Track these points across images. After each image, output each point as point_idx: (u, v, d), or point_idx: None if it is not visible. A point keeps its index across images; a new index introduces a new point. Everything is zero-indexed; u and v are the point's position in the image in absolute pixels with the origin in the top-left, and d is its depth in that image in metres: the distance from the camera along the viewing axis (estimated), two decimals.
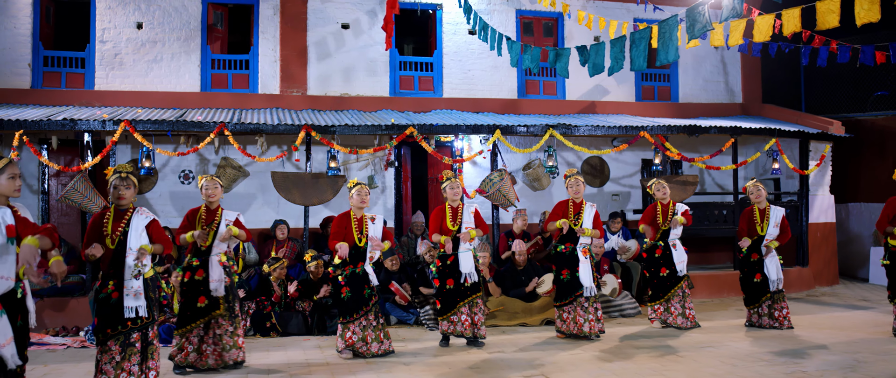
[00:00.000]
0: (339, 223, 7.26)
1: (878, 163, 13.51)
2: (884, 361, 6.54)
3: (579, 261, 7.97)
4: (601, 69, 6.45)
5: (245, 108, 11.59)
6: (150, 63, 11.68)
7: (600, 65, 6.44)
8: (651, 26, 5.95)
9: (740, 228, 8.74)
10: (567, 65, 7.26)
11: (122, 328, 5.35)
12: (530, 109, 12.84)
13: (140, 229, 5.43)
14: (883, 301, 10.73)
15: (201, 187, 6.64)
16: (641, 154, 13.18)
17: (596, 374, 6.23)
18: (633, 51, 6.02)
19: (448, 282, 7.69)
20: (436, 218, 7.84)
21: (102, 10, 11.58)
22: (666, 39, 5.49)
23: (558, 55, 7.20)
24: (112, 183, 5.52)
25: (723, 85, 14.20)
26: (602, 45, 6.59)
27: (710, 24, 5.10)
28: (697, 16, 5.16)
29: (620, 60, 6.23)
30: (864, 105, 14.17)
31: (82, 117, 9.62)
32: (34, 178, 11.01)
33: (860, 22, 5.33)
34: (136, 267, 5.30)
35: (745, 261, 8.67)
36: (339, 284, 7.14)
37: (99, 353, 5.38)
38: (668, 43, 5.47)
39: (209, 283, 6.40)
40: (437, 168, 13.05)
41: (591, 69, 6.50)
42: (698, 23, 5.12)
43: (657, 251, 8.77)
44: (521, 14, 13.18)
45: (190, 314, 6.44)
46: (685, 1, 13.44)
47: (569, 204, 8.06)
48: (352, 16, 12.44)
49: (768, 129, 11.74)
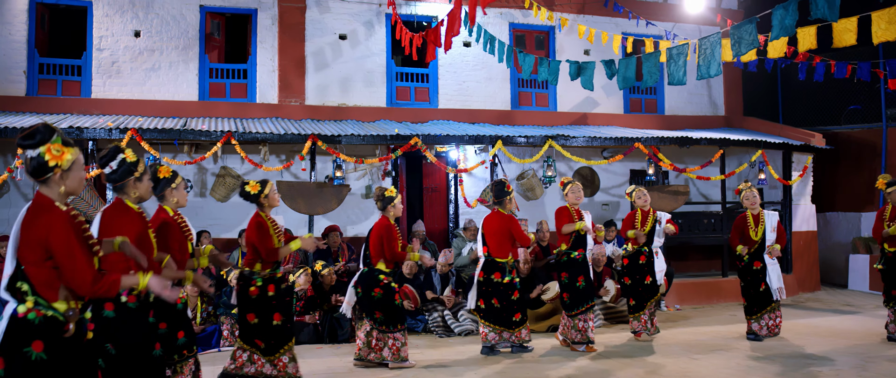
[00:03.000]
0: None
1: (855, 174, 14.06)
2: (890, 362, 6.87)
3: (590, 267, 8.19)
4: (632, 82, 6.68)
5: (244, 118, 11.62)
6: (148, 71, 11.64)
7: (631, 78, 6.67)
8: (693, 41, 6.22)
9: (732, 236, 8.55)
10: (592, 78, 7.48)
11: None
12: (524, 120, 13.09)
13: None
14: (866, 306, 11.18)
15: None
16: (630, 165, 13.50)
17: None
18: (671, 65, 6.27)
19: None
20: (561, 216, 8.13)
21: (100, 18, 11.52)
22: (707, 55, 5.74)
23: (582, 69, 7.42)
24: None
25: (707, 98, 14.65)
26: (632, 59, 6.83)
27: (756, 40, 5.36)
28: (744, 33, 5.42)
29: (654, 75, 6.48)
30: (838, 118, 14.75)
31: (87, 125, 9.57)
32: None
33: (878, 40, 5.65)
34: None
35: (748, 269, 8.39)
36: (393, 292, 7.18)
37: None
38: (711, 58, 5.72)
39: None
40: (432, 178, 13.22)
41: (621, 82, 6.74)
42: (745, 40, 5.38)
43: (642, 258, 8.66)
44: (514, 27, 13.45)
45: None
46: (675, 17, 13.88)
47: (571, 211, 8.18)
48: (349, 27, 12.56)
49: (754, 140, 12.17)
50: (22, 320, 3.20)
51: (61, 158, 3.40)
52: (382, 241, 7.08)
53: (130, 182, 4.20)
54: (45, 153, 3.36)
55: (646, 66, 6.45)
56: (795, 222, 12.94)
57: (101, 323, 3.97)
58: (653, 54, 6.47)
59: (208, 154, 9.96)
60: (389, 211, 7.27)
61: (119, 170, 4.14)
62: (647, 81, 6.48)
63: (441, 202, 13.01)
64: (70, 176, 3.47)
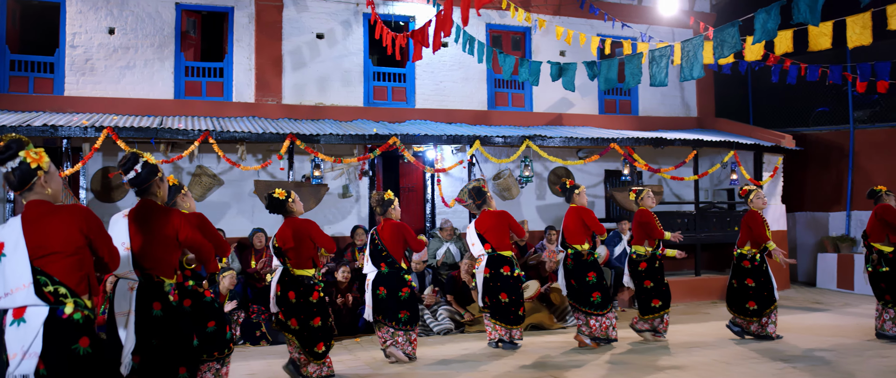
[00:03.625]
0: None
1: (823, 175, 14.36)
2: (861, 358, 7.05)
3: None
4: (614, 83, 6.77)
5: (221, 117, 11.54)
6: (123, 69, 11.50)
7: (613, 79, 6.77)
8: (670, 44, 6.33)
9: (762, 233, 8.17)
10: (573, 79, 7.56)
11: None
12: (500, 120, 13.17)
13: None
14: (835, 303, 11.44)
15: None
16: (605, 165, 13.65)
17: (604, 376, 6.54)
18: (653, 67, 6.37)
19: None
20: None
21: (73, 15, 11.36)
22: (690, 57, 5.85)
23: (563, 70, 7.49)
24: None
25: (679, 99, 14.86)
26: (614, 60, 6.92)
27: (739, 43, 5.48)
28: (727, 36, 5.53)
29: (637, 76, 6.58)
30: (806, 120, 15.05)
31: (62, 124, 9.44)
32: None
33: (853, 45, 5.81)
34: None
35: (761, 269, 8.19)
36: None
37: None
38: (694, 61, 5.84)
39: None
40: (409, 178, 13.26)
41: (603, 83, 6.83)
42: (728, 43, 5.49)
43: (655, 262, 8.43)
44: (491, 28, 13.53)
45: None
46: (649, 19, 14.06)
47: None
48: (326, 26, 12.53)
49: (727, 141, 12.39)
50: (68, 321, 3.36)
51: (42, 160, 3.53)
52: (406, 240, 7.33)
53: (156, 182, 4.30)
54: (27, 157, 3.44)
55: (628, 68, 6.54)
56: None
57: (150, 321, 4.03)
58: (635, 56, 6.57)
59: (185, 153, 9.88)
60: (392, 213, 7.41)
61: (143, 172, 4.24)
62: (630, 83, 6.58)
63: (418, 202, 13.04)
64: (53, 178, 3.60)
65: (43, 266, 3.37)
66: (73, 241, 3.45)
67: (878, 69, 9.53)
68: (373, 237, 7.39)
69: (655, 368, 6.78)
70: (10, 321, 3.33)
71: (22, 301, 3.32)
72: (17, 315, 3.33)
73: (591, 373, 6.65)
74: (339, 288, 9.35)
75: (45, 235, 3.40)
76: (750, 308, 8.16)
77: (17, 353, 3.28)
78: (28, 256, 3.35)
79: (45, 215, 3.45)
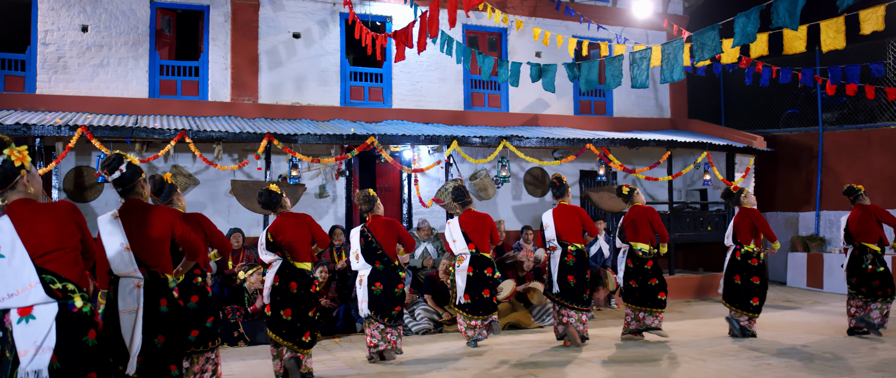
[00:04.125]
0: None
1: (793, 175, 14.62)
2: (833, 354, 7.21)
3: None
4: (595, 85, 6.84)
5: (197, 116, 11.45)
6: (96, 67, 11.36)
7: (594, 81, 6.84)
8: (651, 47, 6.41)
9: (771, 231, 8.38)
10: (553, 80, 7.63)
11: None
12: (477, 121, 13.22)
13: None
14: (805, 301, 11.67)
15: None
16: (580, 165, 13.77)
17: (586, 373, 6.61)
18: (634, 69, 6.46)
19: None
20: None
21: (45, 11, 11.19)
22: (671, 59, 5.94)
23: (543, 71, 7.56)
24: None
25: (653, 101, 15.03)
26: (594, 63, 7.00)
27: (719, 46, 5.57)
28: (707, 39, 5.63)
29: (618, 77, 6.66)
30: (776, 122, 15.31)
31: (35, 122, 9.31)
32: None
33: (827, 49, 5.95)
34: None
35: (764, 267, 8.46)
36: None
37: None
38: (674, 63, 5.92)
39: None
40: (386, 178, 13.26)
41: (584, 85, 6.90)
42: (708, 46, 5.59)
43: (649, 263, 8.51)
44: (468, 28, 13.58)
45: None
46: (623, 21, 14.22)
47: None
48: (303, 25, 12.49)
49: (700, 142, 12.57)
50: (79, 314, 3.44)
51: (25, 159, 3.54)
52: (400, 236, 7.42)
53: (140, 182, 4.34)
54: (11, 156, 3.45)
55: (609, 70, 6.62)
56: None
57: (157, 317, 4.12)
58: (616, 58, 6.64)
59: (161, 152, 9.79)
60: (379, 210, 7.47)
61: (128, 172, 4.26)
62: (610, 84, 6.66)
63: (394, 202, 13.04)
64: (34, 177, 3.62)
65: (46, 265, 3.40)
66: (71, 236, 3.52)
67: (848, 72, 9.73)
68: (365, 234, 7.36)
69: (632, 364, 6.87)
70: (18, 319, 3.34)
71: (32, 301, 3.35)
72: (24, 313, 3.34)
73: (572, 371, 6.72)
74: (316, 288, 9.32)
75: (42, 234, 3.42)
76: (754, 304, 8.28)
77: (28, 349, 3.31)
78: (29, 257, 3.36)
79: (36, 213, 3.45)
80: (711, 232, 12.96)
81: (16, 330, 3.32)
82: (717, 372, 6.50)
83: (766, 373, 6.42)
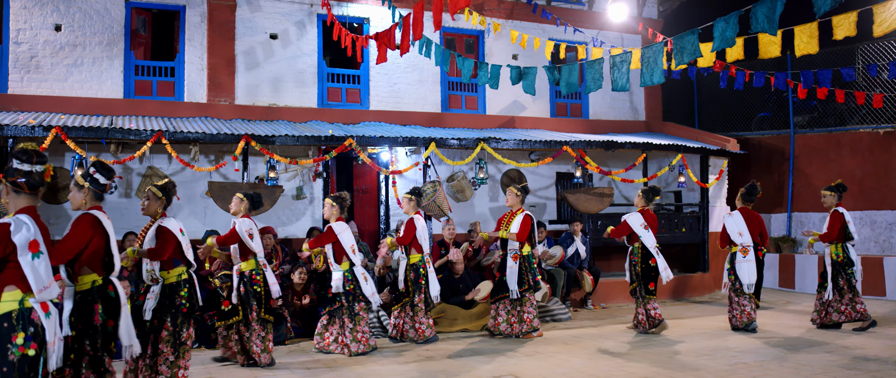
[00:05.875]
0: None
1: (765, 177, 14.84)
2: (806, 353, 7.34)
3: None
4: (575, 88, 6.91)
5: (173, 117, 11.36)
6: (70, 67, 11.22)
7: (574, 84, 6.90)
8: (631, 50, 6.49)
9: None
10: (534, 82, 7.69)
11: (141, 331, 5.56)
12: (454, 123, 13.26)
13: (153, 239, 5.66)
14: (777, 302, 11.86)
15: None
16: (557, 167, 13.85)
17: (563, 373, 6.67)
18: (614, 72, 6.54)
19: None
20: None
21: (17, 10, 11.03)
22: (651, 63, 6.02)
23: (523, 74, 7.61)
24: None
25: (628, 104, 15.19)
26: (575, 66, 7.06)
27: (698, 51, 5.66)
28: (686, 43, 5.71)
29: (598, 80, 6.72)
30: (749, 125, 15.54)
31: (7, 122, 9.17)
32: None
33: (800, 53, 6.08)
34: (148, 273, 5.59)
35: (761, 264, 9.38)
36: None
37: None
38: (654, 66, 6.01)
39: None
40: (363, 179, 13.24)
41: (564, 88, 6.96)
42: (687, 50, 5.67)
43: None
44: (445, 31, 13.61)
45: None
46: (599, 25, 14.35)
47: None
48: (280, 26, 12.44)
49: (675, 145, 12.73)
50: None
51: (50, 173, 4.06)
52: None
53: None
54: (47, 170, 4.00)
55: (589, 73, 6.70)
56: (712, 223, 13.57)
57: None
58: (596, 61, 6.72)
59: (137, 154, 9.70)
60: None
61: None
62: (591, 87, 6.73)
63: (372, 203, 13.03)
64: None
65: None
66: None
67: (820, 76, 9.92)
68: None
69: (610, 363, 6.94)
70: (45, 314, 3.80)
71: (54, 294, 3.83)
72: (46, 309, 3.80)
73: (550, 370, 6.77)
74: (294, 290, 9.29)
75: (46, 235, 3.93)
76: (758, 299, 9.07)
77: (52, 340, 3.84)
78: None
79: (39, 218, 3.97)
80: (686, 233, 13.12)
81: (46, 324, 3.78)
82: (693, 372, 6.59)
83: (741, 371, 6.52)
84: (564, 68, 6.94)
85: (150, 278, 5.65)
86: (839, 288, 8.76)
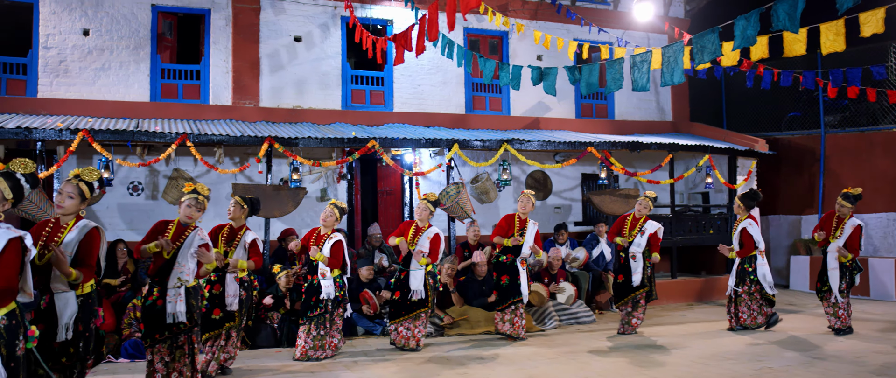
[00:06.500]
0: (306, 238, 7.84)
1: (795, 178, 14.59)
2: (835, 358, 7.18)
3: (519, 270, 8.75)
4: (595, 88, 6.83)
5: (198, 119, 11.46)
6: (98, 71, 11.37)
7: (594, 84, 6.82)
8: (650, 50, 6.40)
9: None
10: (554, 83, 7.61)
11: (167, 333, 5.61)
12: (478, 124, 13.22)
13: (193, 247, 5.70)
14: (808, 305, 11.62)
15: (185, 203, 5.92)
16: (582, 168, 13.75)
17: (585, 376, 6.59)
18: (635, 72, 6.45)
19: (395, 294, 8.33)
20: (400, 228, 8.58)
21: (46, 16, 11.21)
22: (671, 62, 5.92)
23: (544, 74, 7.54)
24: (187, 202, 5.82)
25: (654, 104, 15.02)
26: (595, 66, 6.98)
27: (719, 50, 5.56)
28: (707, 42, 5.61)
29: (618, 81, 6.64)
30: (778, 125, 15.29)
31: (36, 126, 9.31)
32: None
33: (827, 51, 5.94)
34: (178, 280, 5.62)
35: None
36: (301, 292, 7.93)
37: (149, 355, 5.67)
38: (675, 66, 5.91)
39: (225, 297, 6.78)
40: (387, 181, 13.25)
41: (584, 88, 6.89)
42: (708, 49, 5.57)
43: (620, 260, 9.26)
44: (469, 32, 13.58)
45: (205, 326, 6.69)
46: (624, 24, 14.21)
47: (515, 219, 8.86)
48: (304, 29, 12.49)
49: (702, 145, 12.55)
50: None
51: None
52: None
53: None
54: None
55: (610, 73, 6.61)
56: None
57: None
58: (616, 61, 6.63)
59: (162, 156, 9.79)
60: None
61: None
62: (611, 87, 6.65)
63: (396, 205, 13.04)
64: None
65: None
66: None
67: (849, 75, 9.72)
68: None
69: (634, 368, 6.85)
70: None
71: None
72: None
73: (572, 373, 6.70)
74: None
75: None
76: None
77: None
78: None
79: None
80: (713, 235, 12.92)
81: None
82: (717, 376, 6.47)
83: (766, 376, 6.39)
84: (585, 68, 6.86)
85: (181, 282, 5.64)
86: (841, 290, 8.68)
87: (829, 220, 8.87)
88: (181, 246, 5.68)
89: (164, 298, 5.60)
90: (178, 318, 5.59)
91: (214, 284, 6.82)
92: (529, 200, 8.84)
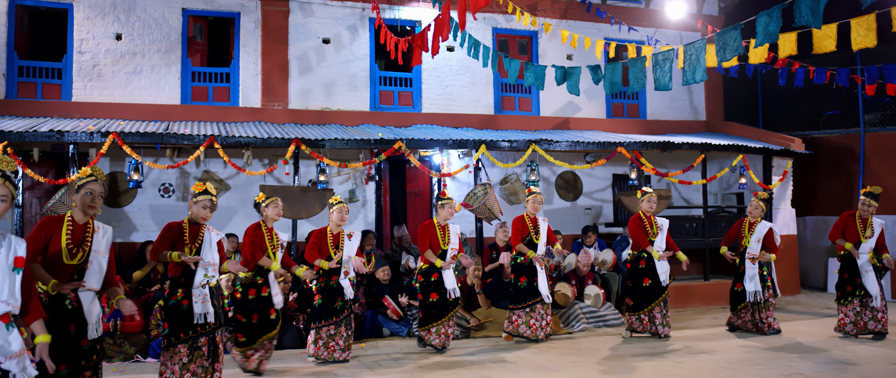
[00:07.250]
0: (316, 238, 7.85)
1: (834, 179, 14.23)
2: (870, 363, 6.96)
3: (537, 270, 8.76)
4: (618, 87, 6.72)
5: (227, 122, 11.57)
6: (130, 75, 11.55)
7: (618, 83, 6.72)
8: (671, 48, 6.27)
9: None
10: (578, 83, 7.51)
11: (191, 333, 5.68)
12: (507, 125, 13.13)
13: (213, 245, 5.78)
14: None
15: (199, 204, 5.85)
16: (613, 169, 13.58)
17: None
18: (657, 71, 6.33)
19: (432, 295, 8.24)
20: (424, 234, 8.40)
21: (80, 21, 11.41)
22: (693, 60, 5.79)
23: (567, 74, 7.44)
24: (202, 203, 5.80)
25: (687, 103, 14.77)
26: (618, 64, 6.87)
27: (741, 47, 5.42)
28: (729, 39, 5.47)
29: (641, 80, 6.52)
30: (816, 123, 14.93)
31: (68, 129, 9.47)
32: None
33: (857, 47, 5.75)
34: (205, 277, 5.67)
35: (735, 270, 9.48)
36: (311, 293, 7.78)
37: (167, 355, 5.70)
38: (696, 64, 5.78)
39: (273, 298, 7.02)
40: (416, 182, 13.23)
41: (607, 87, 6.78)
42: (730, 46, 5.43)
43: (642, 262, 8.97)
44: (498, 32, 13.50)
45: (263, 327, 6.96)
46: (656, 23, 14.00)
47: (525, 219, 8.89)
48: (333, 31, 12.54)
49: (735, 145, 12.30)
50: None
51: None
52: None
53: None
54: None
55: (632, 72, 6.49)
56: (776, 227, 13.04)
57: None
58: (639, 60, 6.51)
59: (191, 158, 9.90)
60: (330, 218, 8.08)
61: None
62: (634, 87, 6.53)
63: (425, 206, 13.01)
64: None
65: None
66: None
67: (885, 72, 9.44)
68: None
69: (658, 373, 6.72)
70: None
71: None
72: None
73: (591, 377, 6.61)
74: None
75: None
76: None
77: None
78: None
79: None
80: None
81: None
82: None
83: None
84: (607, 67, 6.74)
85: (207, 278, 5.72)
86: (861, 295, 8.51)
87: (851, 223, 8.62)
88: (201, 245, 5.74)
89: (190, 299, 5.66)
90: (208, 318, 5.68)
91: (261, 287, 7.02)
92: (538, 200, 8.91)
